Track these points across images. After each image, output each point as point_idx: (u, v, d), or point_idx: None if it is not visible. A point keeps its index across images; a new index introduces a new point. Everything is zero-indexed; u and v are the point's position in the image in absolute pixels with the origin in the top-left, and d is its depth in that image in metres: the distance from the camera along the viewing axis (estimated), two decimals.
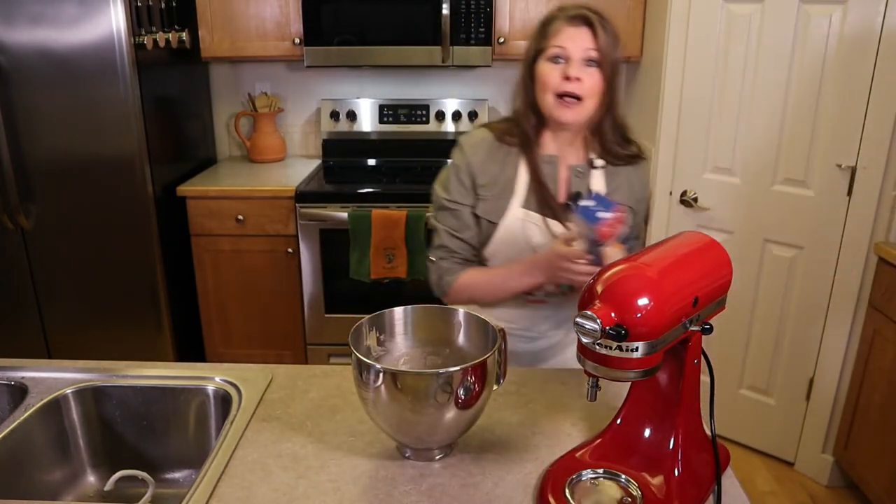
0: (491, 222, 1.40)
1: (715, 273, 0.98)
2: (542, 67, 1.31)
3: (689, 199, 2.58)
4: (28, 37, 2.37)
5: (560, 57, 1.29)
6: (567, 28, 1.28)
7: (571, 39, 1.28)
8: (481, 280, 1.41)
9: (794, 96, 2.28)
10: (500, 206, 1.39)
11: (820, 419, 2.46)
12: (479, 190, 1.40)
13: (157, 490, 1.15)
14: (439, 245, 1.45)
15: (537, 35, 1.33)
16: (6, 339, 2.73)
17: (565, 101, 1.29)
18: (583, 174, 1.40)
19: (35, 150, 2.49)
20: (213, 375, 1.30)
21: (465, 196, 1.41)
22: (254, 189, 2.74)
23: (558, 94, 1.29)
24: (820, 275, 2.36)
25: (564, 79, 1.28)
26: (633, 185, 1.43)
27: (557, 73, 1.29)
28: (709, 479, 1.00)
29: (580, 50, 1.28)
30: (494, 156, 1.41)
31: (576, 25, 1.28)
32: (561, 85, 1.28)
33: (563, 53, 1.28)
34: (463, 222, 1.42)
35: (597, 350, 0.90)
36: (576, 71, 1.27)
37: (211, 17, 2.85)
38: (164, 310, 2.71)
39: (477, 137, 1.43)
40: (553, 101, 1.30)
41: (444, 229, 1.44)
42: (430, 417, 1.00)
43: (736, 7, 2.34)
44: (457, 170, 1.42)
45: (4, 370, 1.31)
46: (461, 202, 1.41)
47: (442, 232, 1.44)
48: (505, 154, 1.40)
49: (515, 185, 1.39)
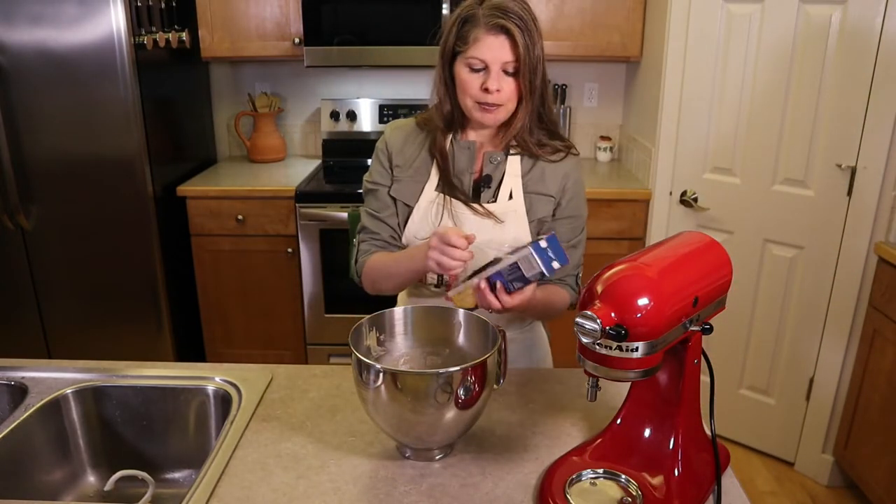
0: (406, 205, 1.40)
1: (715, 273, 0.98)
2: (462, 73, 1.29)
3: (689, 199, 2.58)
4: (28, 37, 2.37)
5: (478, 68, 1.28)
6: (486, 37, 1.25)
7: (490, 50, 1.25)
8: (384, 261, 1.39)
9: (794, 96, 2.28)
10: (414, 188, 1.40)
11: (820, 419, 2.46)
12: (395, 171, 1.41)
13: (157, 490, 1.15)
14: (361, 227, 1.46)
15: (455, 33, 1.29)
16: (6, 339, 2.73)
17: (484, 108, 1.30)
18: (499, 162, 1.38)
19: (35, 150, 2.49)
20: (213, 375, 1.30)
21: (384, 177, 1.42)
22: (254, 189, 2.74)
23: (478, 101, 1.29)
24: (820, 275, 2.36)
25: (483, 89, 1.27)
26: (556, 176, 1.40)
27: (477, 83, 1.28)
28: (709, 479, 1.00)
29: (498, 63, 1.26)
30: (413, 139, 1.42)
31: (494, 34, 1.25)
32: (480, 95, 1.28)
33: (482, 65, 1.27)
34: (382, 202, 1.42)
35: (597, 350, 0.90)
36: (495, 83, 1.26)
37: (211, 17, 2.85)
38: (164, 310, 2.71)
39: (400, 122, 1.46)
40: (472, 105, 1.31)
41: (366, 210, 1.45)
42: (430, 417, 1.00)
43: (736, 7, 2.34)
44: (377, 152, 1.44)
45: (4, 370, 1.31)
46: (380, 182, 1.42)
47: (364, 214, 1.45)
48: (424, 138, 1.42)
49: (431, 168, 1.40)
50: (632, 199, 2.71)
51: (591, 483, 0.99)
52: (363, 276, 1.43)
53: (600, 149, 3.23)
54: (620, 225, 2.74)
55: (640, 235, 2.76)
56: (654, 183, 2.66)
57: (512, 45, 1.26)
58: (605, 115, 3.29)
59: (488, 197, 1.37)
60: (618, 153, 3.27)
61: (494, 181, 1.38)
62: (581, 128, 3.30)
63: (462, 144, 1.38)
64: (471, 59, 1.27)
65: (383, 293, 1.45)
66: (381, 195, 1.42)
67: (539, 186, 1.39)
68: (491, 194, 1.37)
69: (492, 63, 1.26)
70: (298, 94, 3.28)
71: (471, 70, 1.28)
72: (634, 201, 2.71)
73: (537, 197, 1.38)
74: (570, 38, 2.85)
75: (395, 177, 1.41)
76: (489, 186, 1.38)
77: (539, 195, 1.38)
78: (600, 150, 3.23)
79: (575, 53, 2.88)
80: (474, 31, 1.26)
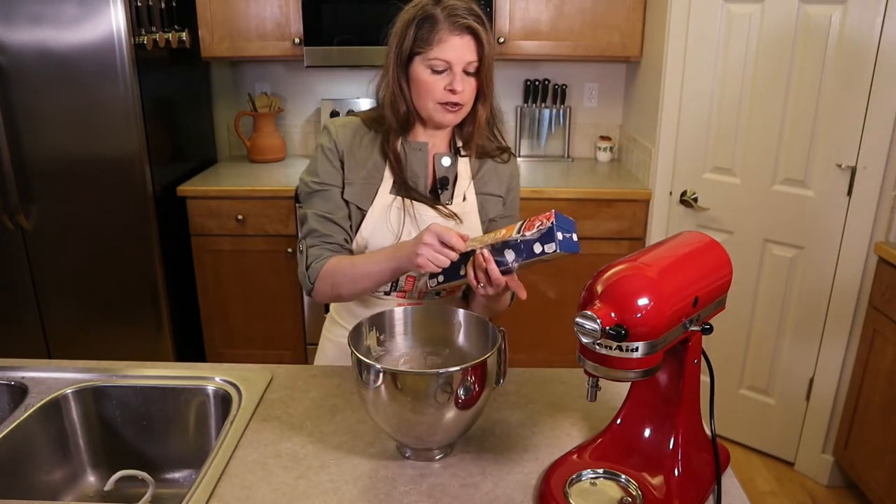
0: (360, 209, 1.36)
1: (715, 273, 0.98)
2: (423, 74, 1.27)
3: (689, 199, 2.58)
4: (28, 37, 2.37)
5: (441, 70, 1.26)
6: (451, 38, 1.24)
7: (455, 51, 1.24)
8: (345, 265, 1.30)
9: (794, 96, 2.28)
10: (368, 191, 1.35)
11: (820, 419, 2.46)
12: (347, 173, 1.35)
13: (157, 490, 1.15)
14: (310, 231, 1.35)
15: (413, 35, 1.26)
16: (6, 339, 2.73)
17: (446, 108, 1.28)
18: (451, 163, 1.37)
19: (35, 150, 2.49)
20: (213, 375, 1.30)
21: (334, 177, 1.35)
22: (254, 189, 2.74)
23: (440, 102, 1.27)
24: (820, 275, 2.36)
25: (447, 90, 1.26)
26: (503, 176, 1.41)
27: (440, 85, 1.26)
28: (709, 479, 1.00)
29: (461, 63, 1.25)
30: (361, 140, 1.37)
31: (460, 35, 1.24)
32: (445, 96, 1.26)
33: (448, 66, 1.25)
34: (335, 203, 1.35)
35: (597, 350, 0.90)
36: (460, 84, 1.25)
37: (211, 17, 2.85)
38: (164, 310, 2.71)
39: (343, 120, 1.40)
40: (434, 107, 1.28)
41: (315, 213, 1.35)
42: (430, 417, 1.00)
43: (736, 7, 2.34)
44: (323, 150, 1.36)
45: (4, 370, 1.31)
46: (330, 183, 1.35)
47: (312, 217, 1.35)
48: (372, 140, 1.37)
49: (384, 170, 1.36)
50: (632, 199, 2.71)
51: (591, 483, 0.99)
52: (318, 281, 1.32)
53: (600, 149, 3.23)
54: (620, 225, 2.74)
55: (640, 235, 2.76)
56: (654, 183, 2.66)
57: (476, 46, 1.26)
58: (605, 115, 3.29)
59: (446, 199, 1.36)
60: (618, 153, 3.27)
61: (449, 183, 1.37)
62: (581, 128, 3.30)
63: (414, 146, 1.35)
64: (434, 60, 1.25)
65: (340, 300, 1.36)
66: (332, 196, 1.35)
67: (489, 187, 1.40)
68: (448, 196, 1.37)
69: (456, 64, 1.25)
70: (298, 94, 3.28)
71: (433, 72, 1.26)
72: (634, 201, 2.71)
73: (487, 197, 1.40)
74: (570, 38, 2.86)
75: (347, 180, 1.35)
76: (446, 188, 1.37)
77: (489, 195, 1.40)
78: (600, 150, 3.23)
79: (575, 53, 2.89)
80: (438, 33, 1.24)
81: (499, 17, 2.83)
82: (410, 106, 1.32)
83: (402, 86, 1.30)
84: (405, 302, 1.39)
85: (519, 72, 3.22)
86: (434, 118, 1.30)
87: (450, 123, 1.32)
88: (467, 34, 1.24)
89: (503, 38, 2.85)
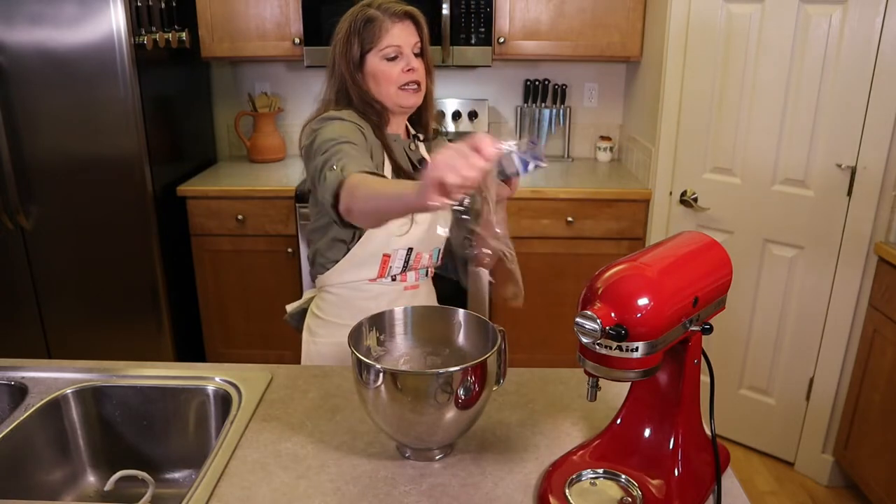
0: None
1: (715, 273, 0.98)
2: (379, 66, 1.38)
3: (689, 199, 2.58)
4: (28, 37, 2.37)
5: (396, 56, 1.38)
6: (394, 27, 1.37)
7: (402, 35, 1.38)
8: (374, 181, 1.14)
9: (794, 96, 2.28)
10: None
11: (820, 419, 2.46)
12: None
13: (157, 490, 1.15)
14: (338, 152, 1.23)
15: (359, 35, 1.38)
16: (6, 339, 2.73)
17: (407, 89, 1.39)
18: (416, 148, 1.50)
19: (35, 150, 2.49)
20: (213, 375, 1.30)
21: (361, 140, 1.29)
22: (254, 189, 2.74)
23: (401, 85, 1.39)
24: (820, 275, 2.36)
25: (405, 72, 1.38)
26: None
27: (397, 69, 1.38)
28: (709, 479, 1.00)
29: (409, 44, 1.39)
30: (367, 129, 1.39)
31: (400, 21, 1.38)
32: (403, 77, 1.38)
33: (399, 51, 1.38)
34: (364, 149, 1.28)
35: (597, 350, 0.90)
36: (414, 61, 1.39)
37: (211, 17, 2.85)
38: (164, 310, 2.71)
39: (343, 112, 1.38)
40: (396, 92, 1.39)
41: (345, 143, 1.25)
42: (430, 417, 1.00)
43: (736, 7, 2.34)
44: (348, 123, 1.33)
45: (4, 370, 1.31)
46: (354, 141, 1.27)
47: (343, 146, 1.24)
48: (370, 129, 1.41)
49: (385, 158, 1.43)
50: (632, 199, 2.71)
51: (591, 483, 0.99)
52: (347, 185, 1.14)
53: (600, 149, 3.23)
54: (620, 225, 2.74)
55: (640, 235, 2.76)
56: (654, 183, 2.66)
57: (416, 28, 1.40)
58: (605, 115, 3.29)
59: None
60: (618, 153, 3.27)
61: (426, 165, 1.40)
62: (581, 128, 3.30)
63: (391, 137, 1.45)
64: (385, 49, 1.37)
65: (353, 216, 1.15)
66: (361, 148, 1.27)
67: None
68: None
69: (405, 47, 1.38)
70: (298, 94, 3.28)
71: (387, 60, 1.38)
72: (634, 201, 2.71)
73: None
74: (570, 38, 2.86)
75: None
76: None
77: None
78: (600, 150, 3.23)
79: (575, 53, 2.89)
80: (381, 26, 1.37)
81: (499, 17, 2.83)
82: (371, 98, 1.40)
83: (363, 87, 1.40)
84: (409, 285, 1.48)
85: (519, 72, 3.22)
86: (399, 103, 1.40)
87: (413, 105, 1.42)
88: (406, 19, 1.39)
89: (503, 38, 2.85)
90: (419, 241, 1.44)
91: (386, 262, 1.43)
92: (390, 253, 1.43)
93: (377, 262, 1.43)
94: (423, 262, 1.48)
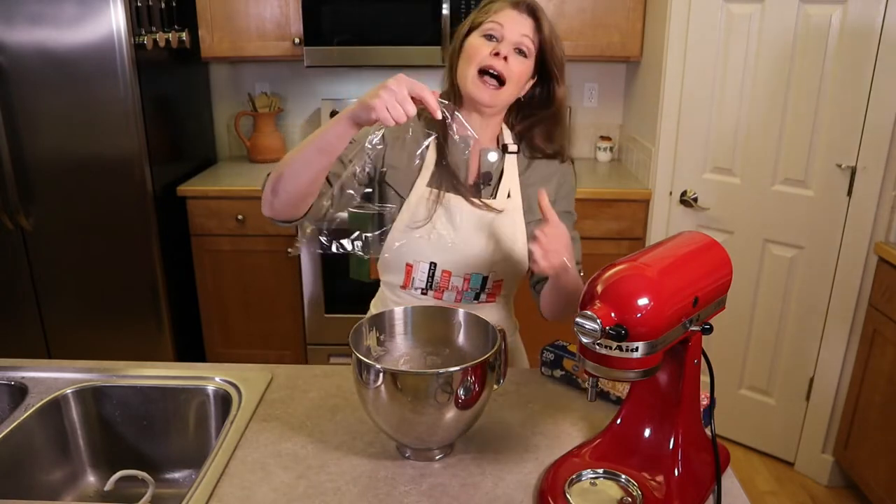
0: (399, 195, 1.32)
1: (715, 273, 0.98)
2: (473, 40, 1.26)
3: (689, 199, 2.58)
4: (28, 37, 2.37)
5: (494, 35, 1.24)
6: (509, 10, 1.25)
7: (510, 20, 1.24)
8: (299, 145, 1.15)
9: (794, 96, 2.28)
10: (409, 178, 1.32)
11: (820, 419, 2.46)
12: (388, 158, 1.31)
13: (157, 490, 1.15)
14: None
15: (477, 12, 1.29)
16: (6, 339, 2.73)
17: (485, 80, 1.24)
18: (496, 158, 1.35)
19: (35, 150, 2.49)
20: (213, 375, 1.30)
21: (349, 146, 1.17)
22: (254, 189, 2.74)
23: (481, 68, 1.23)
24: (820, 275, 2.36)
25: (492, 55, 1.23)
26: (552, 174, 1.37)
27: (487, 49, 1.24)
28: (709, 479, 1.00)
29: (516, 33, 1.24)
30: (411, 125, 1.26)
31: (519, 10, 1.25)
32: (487, 59, 1.23)
33: (498, 32, 1.24)
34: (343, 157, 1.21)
35: (597, 350, 0.90)
36: (506, 50, 1.23)
37: (211, 17, 2.85)
38: (164, 310, 2.71)
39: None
40: (473, 77, 1.24)
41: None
42: (430, 417, 1.00)
43: (736, 7, 2.34)
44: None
45: (4, 370, 1.31)
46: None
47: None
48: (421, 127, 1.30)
49: (426, 160, 1.32)
50: (632, 199, 2.71)
51: (591, 483, 0.99)
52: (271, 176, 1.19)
53: (600, 149, 3.23)
54: (620, 225, 2.74)
55: (640, 235, 2.76)
56: (654, 183, 2.66)
57: (534, 26, 1.25)
58: (605, 115, 3.29)
59: (487, 195, 1.34)
60: (618, 153, 3.27)
61: (493, 179, 1.35)
62: (581, 128, 3.30)
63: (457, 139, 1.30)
64: (488, 24, 1.24)
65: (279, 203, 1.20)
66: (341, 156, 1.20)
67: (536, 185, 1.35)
68: (490, 192, 1.34)
69: (508, 33, 1.23)
70: (298, 94, 3.28)
71: (484, 37, 1.25)
72: (634, 201, 2.71)
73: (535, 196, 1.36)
74: (570, 38, 2.85)
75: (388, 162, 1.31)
76: (489, 184, 1.35)
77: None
78: (600, 150, 3.23)
79: (575, 53, 2.88)
80: (498, 4, 1.26)
81: None
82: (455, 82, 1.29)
83: (454, 62, 1.29)
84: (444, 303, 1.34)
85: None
86: (471, 93, 1.25)
87: (484, 102, 1.26)
88: (525, 12, 1.25)
89: None
90: (443, 258, 1.32)
91: (409, 273, 1.35)
92: (412, 263, 1.34)
93: (401, 269, 1.35)
94: (454, 283, 1.34)
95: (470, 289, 1.36)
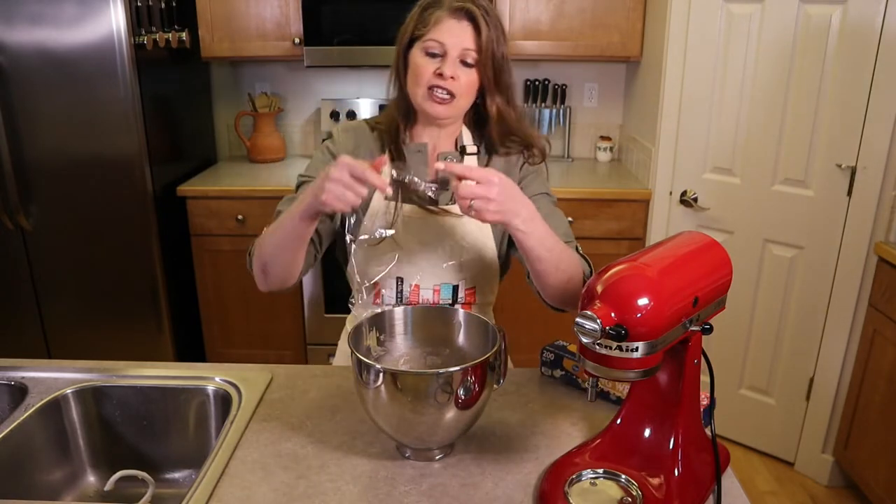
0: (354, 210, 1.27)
1: (715, 273, 0.98)
2: (417, 58, 1.21)
3: (689, 199, 2.58)
4: (28, 37, 2.37)
5: (436, 52, 1.20)
6: (448, 20, 1.19)
7: (451, 34, 1.19)
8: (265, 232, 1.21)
9: (794, 96, 2.28)
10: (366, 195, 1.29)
11: (820, 419, 2.46)
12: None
13: (157, 490, 1.15)
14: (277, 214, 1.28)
15: (415, 18, 1.23)
16: (6, 339, 2.73)
17: (436, 96, 1.21)
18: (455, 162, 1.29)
19: (35, 150, 2.49)
20: (213, 375, 1.30)
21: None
22: (254, 189, 2.74)
23: (430, 87, 1.21)
24: (820, 275, 2.36)
25: (437, 75, 1.20)
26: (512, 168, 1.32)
27: (431, 68, 1.20)
28: (709, 479, 1.00)
29: (457, 48, 1.19)
30: (366, 143, 1.32)
31: (458, 19, 1.19)
32: (433, 79, 1.20)
33: (440, 49, 1.20)
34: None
35: (597, 350, 0.90)
36: (451, 69, 1.19)
37: (211, 17, 2.85)
38: (164, 310, 2.71)
39: (349, 124, 1.37)
40: (424, 94, 1.22)
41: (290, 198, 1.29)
42: (430, 417, 1.00)
43: (736, 7, 2.34)
44: (323, 150, 1.34)
45: (4, 370, 1.31)
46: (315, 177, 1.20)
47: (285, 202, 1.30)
48: (375, 141, 1.32)
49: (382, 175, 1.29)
50: (632, 199, 2.71)
51: (591, 483, 0.99)
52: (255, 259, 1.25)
53: (600, 149, 3.23)
54: (620, 225, 2.74)
55: (640, 235, 2.76)
56: (654, 183, 2.66)
57: (475, 34, 1.19)
58: (605, 115, 3.29)
59: (446, 200, 1.30)
60: (618, 153, 3.27)
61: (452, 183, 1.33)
62: (581, 128, 3.30)
63: (412, 148, 1.29)
64: (428, 41, 1.20)
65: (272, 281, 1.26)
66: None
67: None
68: (449, 196, 1.28)
69: (451, 48, 1.19)
70: (298, 94, 3.28)
71: (426, 55, 1.20)
72: (634, 201, 2.71)
73: None
74: (570, 38, 2.86)
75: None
76: (447, 189, 1.28)
77: None
78: (600, 150, 3.23)
79: (575, 53, 2.89)
80: (436, 14, 1.20)
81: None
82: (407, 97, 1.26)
83: (401, 75, 1.27)
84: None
85: (519, 72, 3.22)
86: (424, 109, 1.24)
87: (439, 115, 1.24)
88: (465, 19, 1.19)
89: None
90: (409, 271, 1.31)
91: (377, 289, 1.33)
92: (379, 281, 1.31)
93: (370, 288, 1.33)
94: (424, 296, 1.32)
95: (441, 300, 1.33)
